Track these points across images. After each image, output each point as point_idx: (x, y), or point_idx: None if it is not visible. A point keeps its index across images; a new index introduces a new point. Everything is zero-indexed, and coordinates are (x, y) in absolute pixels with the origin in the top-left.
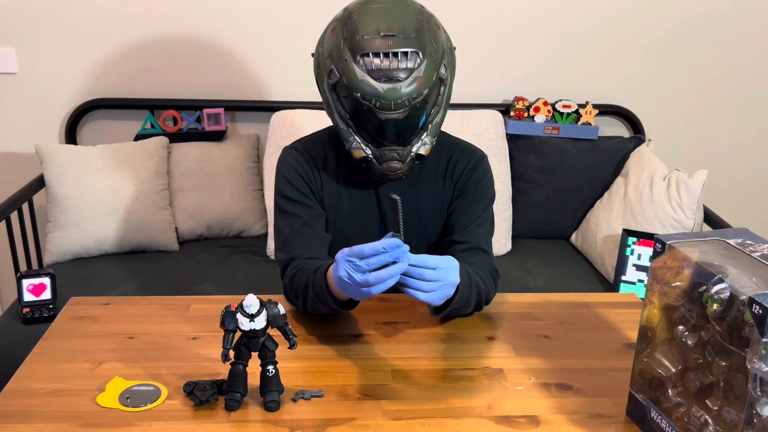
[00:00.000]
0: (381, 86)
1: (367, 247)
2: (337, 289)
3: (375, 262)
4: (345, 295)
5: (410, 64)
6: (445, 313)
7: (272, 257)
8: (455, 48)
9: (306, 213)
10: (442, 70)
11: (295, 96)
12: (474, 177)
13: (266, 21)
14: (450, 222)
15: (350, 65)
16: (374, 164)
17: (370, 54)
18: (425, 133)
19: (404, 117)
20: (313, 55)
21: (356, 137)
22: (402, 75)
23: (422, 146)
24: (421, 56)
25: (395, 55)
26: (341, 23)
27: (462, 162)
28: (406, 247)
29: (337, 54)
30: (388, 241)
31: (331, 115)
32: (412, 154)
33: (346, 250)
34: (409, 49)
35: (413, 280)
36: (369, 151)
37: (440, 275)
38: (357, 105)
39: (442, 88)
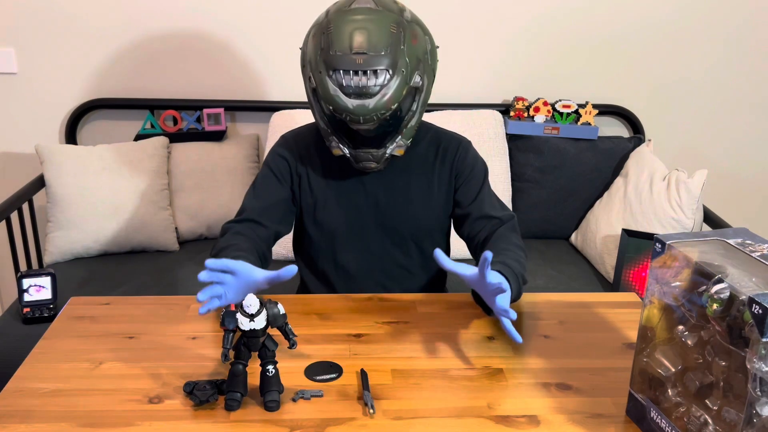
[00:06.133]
0: (350, 102)
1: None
2: None
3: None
4: None
5: (379, 81)
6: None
7: (272, 257)
8: (438, 47)
9: (274, 191)
10: (417, 79)
11: (295, 96)
12: (467, 164)
13: (266, 21)
14: (458, 204)
15: (324, 79)
16: (352, 162)
17: (341, 71)
18: (399, 136)
19: (376, 126)
20: (301, 49)
21: (334, 137)
22: (371, 92)
23: (396, 148)
24: (390, 73)
25: (365, 72)
26: (320, 31)
27: (450, 152)
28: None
29: (314, 64)
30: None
31: (313, 113)
32: (387, 155)
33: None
34: (378, 68)
35: (505, 319)
36: (347, 151)
37: (507, 296)
38: (332, 113)
39: (417, 96)
